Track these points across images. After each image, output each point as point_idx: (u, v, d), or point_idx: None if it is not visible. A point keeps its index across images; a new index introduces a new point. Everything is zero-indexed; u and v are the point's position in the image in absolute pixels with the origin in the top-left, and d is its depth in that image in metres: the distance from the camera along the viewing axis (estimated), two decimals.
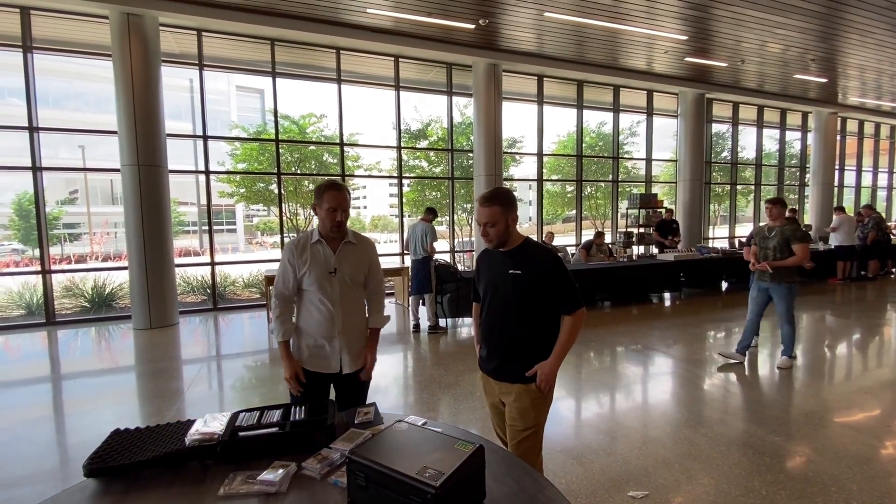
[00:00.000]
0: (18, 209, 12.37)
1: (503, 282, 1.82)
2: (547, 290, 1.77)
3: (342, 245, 2.00)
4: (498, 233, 1.80)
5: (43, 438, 3.13)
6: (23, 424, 3.34)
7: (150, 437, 1.49)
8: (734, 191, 12.53)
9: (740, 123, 12.05)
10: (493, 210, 1.77)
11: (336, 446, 1.44)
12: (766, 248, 4.10)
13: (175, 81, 8.00)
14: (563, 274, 1.77)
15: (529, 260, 1.78)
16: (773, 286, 4.10)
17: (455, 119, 9.03)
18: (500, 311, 1.85)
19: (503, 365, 1.85)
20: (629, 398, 3.70)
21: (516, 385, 1.81)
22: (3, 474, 2.66)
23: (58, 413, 3.68)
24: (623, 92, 10.26)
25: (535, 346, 1.81)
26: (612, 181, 10.92)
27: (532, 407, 1.80)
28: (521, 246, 1.83)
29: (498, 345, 1.87)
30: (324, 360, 1.98)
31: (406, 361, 4.84)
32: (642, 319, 6.31)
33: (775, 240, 4.02)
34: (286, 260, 1.97)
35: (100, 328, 6.40)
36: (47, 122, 6.51)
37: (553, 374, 1.78)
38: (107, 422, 3.32)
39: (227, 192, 9.42)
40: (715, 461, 2.62)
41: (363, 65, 8.01)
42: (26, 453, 2.90)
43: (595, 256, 7.78)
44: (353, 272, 2.01)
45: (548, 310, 1.81)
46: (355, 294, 2.03)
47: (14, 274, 7.71)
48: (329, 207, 1.90)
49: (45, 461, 2.81)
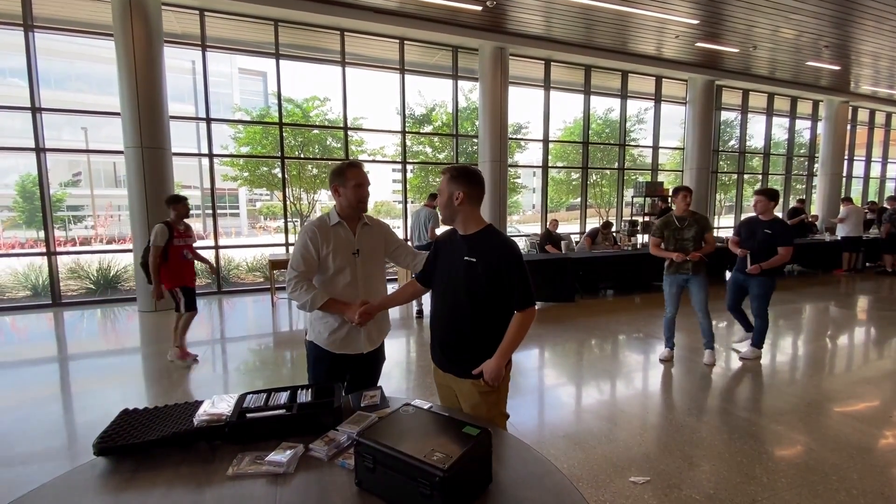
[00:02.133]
0: (22, 191, 12.36)
1: (456, 268, 1.71)
2: (501, 282, 1.64)
3: (360, 226, 2.03)
4: (441, 203, 1.74)
5: (51, 418, 3.18)
6: (31, 404, 3.38)
7: (158, 417, 1.50)
8: (741, 180, 12.41)
9: (750, 111, 11.86)
10: (442, 179, 1.74)
11: (343, 429, 1.44)
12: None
13: (178, 63, 7.92)
14: (520, 267, 1.65)
15: (487, 248, 1.67)
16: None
17: (460, 104, 8.92)
18: (449, 300, 1.75)
19: (449, 357, 1.78)
20: (630, 385, 3.72)
21: (465, 380, 1.72)
22: (12, 452, 2.70)
23: (65, 393, 3.73)
24: (631, 78, 10.10)
25: (482, 341, 1.70)
26: (617, 168, 10.82)
27: (483, 401, 1.71)
28: (481, 232, 1.71)
29: (444, 336, 1.79)
30: (348, 342, 1.99)
31: (409, 346, 4.86)
32: (645, 308, 6.31)
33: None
34: (307, 239, 1.94)
35: (105, 310, 6.45)
36: (51, 104, 6.47)
37: (499, 371, 1.66)
38: (113, 402, 3.37)
39: (230, 175, 9.38)
40: (716, 448, 2.64)
41: (368, 47, 7.89)
42: (35, 432, 2.94)
43: (600, 245, 7.75)
44: (374, 252, 2.07)
45: (499, 303, 1.68)
46: (377, 273, 2.09)
47: (19, 255, 7.75)
48: (356, 184, 1.94)
49: (53, 439, 2.86)
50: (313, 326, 2.04)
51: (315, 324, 2.04)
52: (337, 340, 1.99)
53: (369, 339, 2.05)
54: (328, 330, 1.99)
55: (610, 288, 7.45)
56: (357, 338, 2.01)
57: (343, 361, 2.02)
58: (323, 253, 1.95)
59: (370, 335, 2.05)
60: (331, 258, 1.95)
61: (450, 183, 1.70)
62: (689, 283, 3.98)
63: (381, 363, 2.17)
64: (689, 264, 3.88)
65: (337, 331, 1.99)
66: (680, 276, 3.99)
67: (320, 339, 2.01)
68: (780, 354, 4.48)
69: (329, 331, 1.99)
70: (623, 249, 7.88)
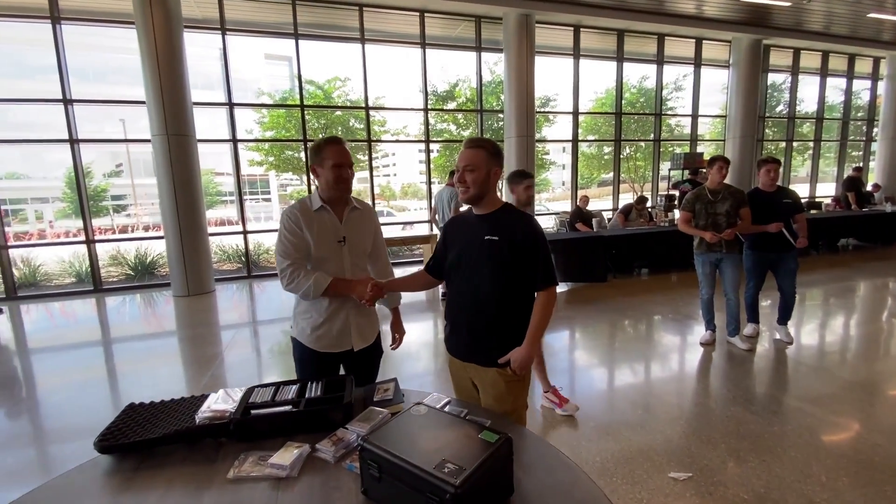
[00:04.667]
0: (70, 182, 12.98)
1: (477, 250, 1.59)
2: (525, 259, 1.55)
3: (348, 211, 1.81)
4: (476, 180, 1.56)
5: (93, 398, 3.27)
6: (75, 384, 3.50)
7: (163, 412, 1.44)
8: (789, 148, 11.52)
9: (801, 73, 10.91)
10: (477, 153, 1.56)
11: (353, 427, 1.34)
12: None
13: (202, 51, 7.93)
14: (543, 244, 1.57)
15: (509, 225, 1.56)
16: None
17: (484, 78, 8.57)
18: (471, 283, 1.61)
19: (472, 344, 1.65)
20: (667, 370, 3.49)
21: (489, 369, 1.61)
22: (61, 427, 2.80)
23: (110, 374, 3.84)
24: (668, 41, 9.41)
25: (508, 325, 1.60)
26: (653, 140, 10.22)
27: (508, 392, 1.60)
28: (500, 210, 1.61)
29: (466, 322, 1.65)
30: (334, 339, 1.80)
31: (435, 330, 4.77)
32: (682, 287, 5.97)
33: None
34: (291, 225, 1.72)
35: (142, 295, 6.67)
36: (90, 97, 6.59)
37: (530, 360, 1.57)
38: (145, 385, 3.45)
39: (256, 160, 9.46)
40: (766, 442, 2.42)
41: (387, 22, 7.63)
42: (79, 410, 3.04)
43: (634, 221, 7.37)
44: (362, 240, 1.85)
45: (523, 284, 1.59)
46: (364, 263, 1.88)
47: (61, 244, 8.12)
48: (334, 164, 1.69)
49: (96, 417, 2.93)
50: (296, 321, 1.84)
51: (297, 318, 1.84)
52: (323, 337, 1.79)
53: (360, 335, 1.84)
54: (311, 325, 1.79)
55: (645, 267, 7.10)
56: (345, 334, 1.80)
57: (332, 360, 1.83)
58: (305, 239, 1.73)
59: (361, 331, 1.84)
60: (313, 248, 1.73)
61: (488, 159, 1.57)
62: (721, 263, 3.68)
63: (378, 359, 1.98)
64: (722, 241, 3.56)
65: (321, 326, 1.78)
66: (712, 255, 3.68)
67: (303, 335, 1.81)
68: (830, 335, 4.13)
69: (312, 326, 1.79)
70: (659, 225, 7.47)
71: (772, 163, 3.59)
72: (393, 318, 2.06)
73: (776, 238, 3.59)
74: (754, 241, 3.77)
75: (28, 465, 2.55)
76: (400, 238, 7.46)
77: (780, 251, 3.66)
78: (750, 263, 3.84)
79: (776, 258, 3.71)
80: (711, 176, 3.60)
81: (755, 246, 3.79)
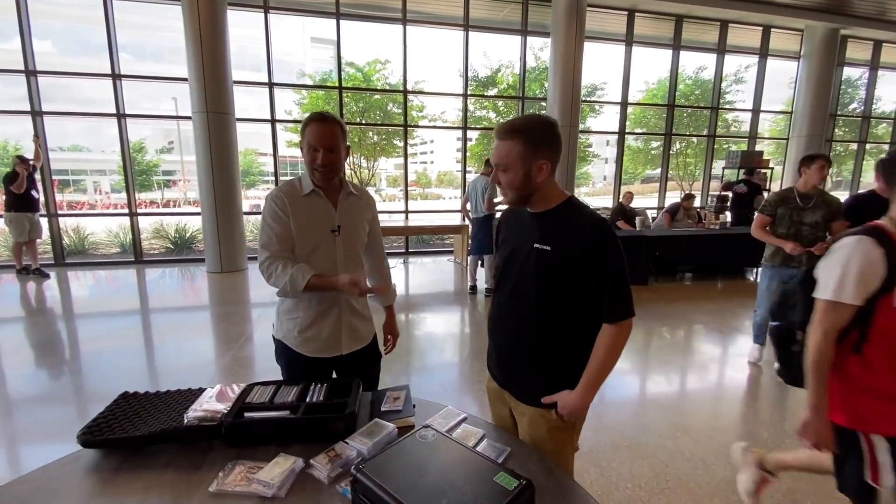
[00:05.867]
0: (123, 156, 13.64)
1: (524, 258, 1.25)
2: (585, 280, 1.17)
3: (343, 197, 1.58)
4: (510, 181, 1.20)
5: (127, 363, 3.32)
6: (110, 349, 3.59)
7: (156, 405, 1.34)
8: (861, 150, 10.51)
9: (881, 67, 9.87)
10: (507, 146, 1.18)
11: (353, 442, 1.18)
12: None
13: (251, 32, 7.99)
14: (615, 262, 1.15)
15: (567, 231, 1.18)
16: None
17: (528, 64, 8.20)
18: (514, 299, 1.29)
19: (510, 372, 1.35)
20: (709, 389, 3.19)
21: (528, 406, 1.30)
22: (100, 388, 2.85)
23: (136, 345, 3.91)
24: (732, 29, 8.69)
25: (557, 358, 1.25)
26: (707, 136, 9.54)
27: (549, 437, 1.27)
28: (559, 209, 1.23)
29: (505, 346, 1.34)
30: (324, 343, 1.58)
31: (462, 325, 4.60)
32: (728, 296, 5.53)
33: None
34: (274, 210, 1.50)
35: (179, 269, 6.84)
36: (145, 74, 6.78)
37: (582, 409, 1.23)
38: (169, 359, 3.48)
39: (295, 141, 9.52)
40: (829, 483, 2.10)
41: (430, 3, 7.39)
42: (114, 370, 3.09)
43: (681, 221, 6.89)
44: (358, 230, 1.62)
45: (581, 310, 1.22)
46: (359, 257, 1.65)
47: (106, 215, 8.46)
48: (308, 144, 1.47)
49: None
50: (279, 320, 1.63)
51: (281, 317, 1.62)
52: (311, 341, 1.57)
53: (353, 336, 1.62)
54: (297, 327, 1.57)
55: (689, 271, 6.65)
56: (336, 336, 1.59)
57: (324, 365, 1.61)
58: (293, 228, 1.51)
59: (355, 331, 1.62)
60: (301, 237, 1.52)
61: (526, 151, 1.17)
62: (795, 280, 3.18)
63: (376, 365, 1.75)
64: (802, 257, 3.01)
65: (309, 328, 1.57)
66: (786, 271, 3.12)
67: (289, 337, 1.59)
68: None
69: (298, 328, 1.57)
70: (708, 228, 6.96)
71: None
72: (386, 318, 1.83)
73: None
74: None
75: (68, 421, 2.65)
76: (431, 227, 7.32)
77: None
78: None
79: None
80: (807, 177, 3.05)
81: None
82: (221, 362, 3.45)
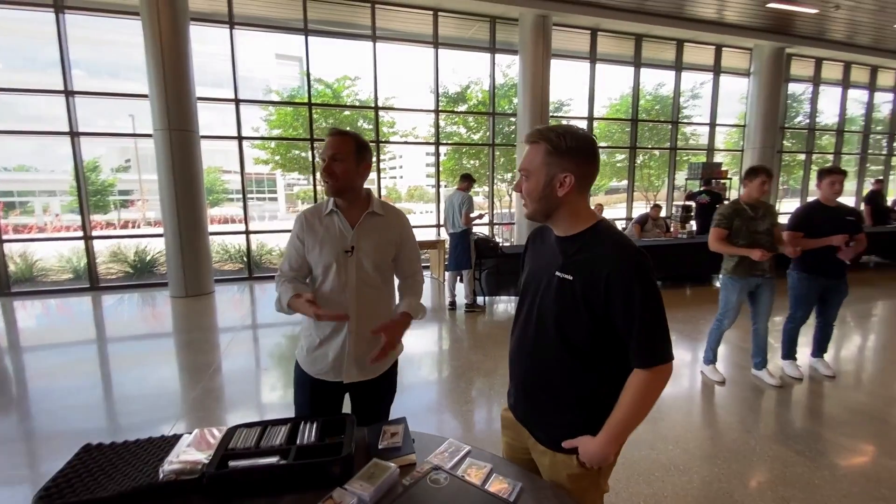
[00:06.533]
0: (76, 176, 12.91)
1: (545, 287, 1.13)
2: (610, 317, 1.04)
3: (364, 216, 1.52)
4: (531, 191, 1.10)
5: (83, 399, 3.04)
6: (63, 387, 3.28)
7: (125, 457, 1.19)
8: (809, 160, 11.21)
9: (822, 83, 10.61)
10: (533, 150, 1.09)
11: (353, 487, 1.08)
12: None
13: (212, 49, 7.78)
14: (646, 296, 1.00)
15: (592, 260, 1.05)
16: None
17: (497, 80, 8.33)
18: (532, 333, 1.17)
19: (527, 409, 1.23)
20: (693, 397, 3.22)
21: (547, 450, 1.17)
22: (51, 428, 2.57)
23: (92, 380, 3.61)
24: (687, 48, 9.15)
25: (578, 399, 1.12)
26: (669, 149, 9.94)
27: (570, 483, 1.13)
28: (585, 234, 1.09)
29: (522, 376, 1.22)
30: (329, 366, 1.53)
31: (441, 343, 4.52)
32: (699, 303, 5.69)
33: None
34: (294, 235, 1.56)
35: (138, 295, 6.45)
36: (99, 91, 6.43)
37: (604, 459, 1.09)
38: (130, 396, 3.21)
39: (261, 159, 9.27)
40: (822, 490, 2.13)
41: (399, 21, 7.43)
42: (66, 410, 2.81)
43: (650, 232, 7.09)
44: (377, 253, 1.53)
45: (608, 346, 1.08)
46: (376, 281, 1.54)
47: (58, 239, 7.93)
48: (322, 155, 1.48)
49: (84, 420, 2.70)
50: (301, 337, 1.65)
51: (301, 335, 1.64)
52: (317, 361, 1.54)
53: (358, 367, 1.53)
54: (308, 346, 1.58)
55: (659, 279, 6.82)
56: (339, 361, 1.52)
57: (332, 389, 1.56)
58: (310, 251, 1.52)
59: (360, 362, 1.52)
60: (316, 256, 1.51)
61: (550, 159, 1.06)
62: (759, 288, 3.23)
63: (388, 398, 1.65)
64: (766, 264, 3.11)
65: (318, 348, 1.55)
66: (753, 280, 3.18)
67: (301, 355, 1.61)
68: (868, 364, 3.84)
69: (308, 348, 1.57)
70: (676, 237, 7.18)
71: (837, 174, 3.11)
72: (397, 320, 1.51)
73: (833, 261, 3.15)
74: (810, 264, 3.24)
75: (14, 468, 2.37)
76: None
77: (838, 276, 3.24)
78: (803, 290, 3.32)
79: (832, 284, 3.27)
80: (749, 190, 3.18)
81: (811, 269, 3.26)
82: (190, 396, 3.21)
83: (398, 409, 1.59)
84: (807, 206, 3.30)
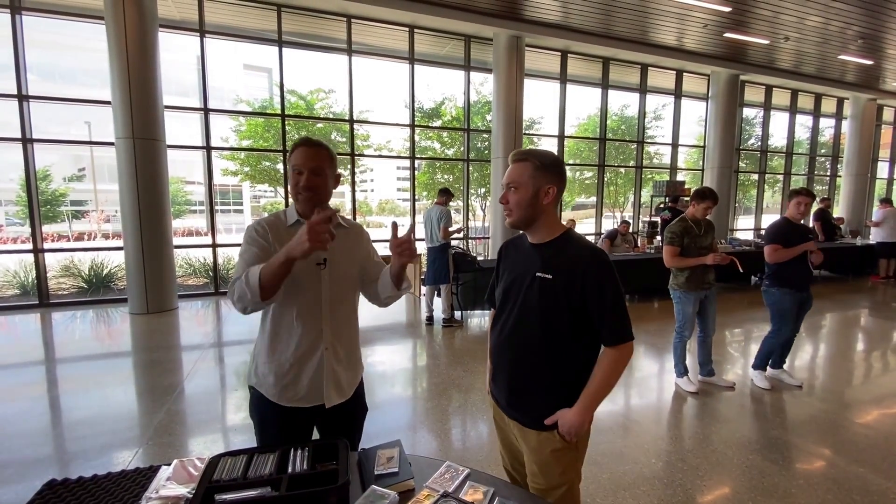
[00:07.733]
0: (24, 184, 12.11)
1: (527, 287, 1.32)
2: (586, 306, 1.25)
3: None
4: (520, 201, 1.29)
5: (42, 422, 2.78)
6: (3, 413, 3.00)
7: (96, 494, 1.08)
8: (762, 180, 11.92)
9: (772, 108, 11.36)
10: (520, 167, 1.29)
11: None
12: None
13: (178, 57, 7.56)
14: (612, 288, 1.24)
15: (568, 260, 1.27)
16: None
17: (471, 98, 8.47)
18: (516, 328, 1.35)
19: (514, 399, 1.38)
20: (674, 409, 3.28)
21: (532, 431, 1.34)
22: None
23: (39, 405, 3.32)
24: (651, 72, 9.62)
25: (560, 384, 1.32)
26: (635, 167, 10.34)
27: (555, 460, 1.32)
28: (559, 240, 1.32)
29: (509, 372, 1.39)
30: (304, 390, 1.39)
31: (418, 359, 4.44)
32: (667, 316, 5.86)
33: None
34: (254, 237, 1.37)
35: (94, 312, 6.06)
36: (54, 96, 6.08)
37: (581, 426, 1.28)
38: (86, 422, 2.97)
39: (231, 170, 9.01)
40: (797, 499, 2.20)
41: (375, 36, 7.46)
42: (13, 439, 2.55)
43: (619, 247, 7.30)
44: (348, 265, 1.47)
45: (583, 335, 1.30)
46: (347, 295, 1.49)
47: (5, 252, 7.39)
48: (293, 168, 1.38)
49: (31, 448, 2.46)
50: (254, 363, 1.44)
51: (257, 359, 1.43)
52: (290, 387, 1.38)
53: (336, 388, 1.43)
54: (275, 372, 1.39)
55: (628, 293, 7.00)
56: (318, 384, 1.40)
57: (302, 417, 1.42)
58: None
59: (338, 382, 1.43)
60: None
61: (537, 174, 1.28)
62: (706, 300, 3.51)
63: (361, 419, 1.57)
64: (711, 276, 3.44)
65: (288, 372, 1.38)
66: (702, 292, 3.45)
67: (264, 384, 1.40)
68: (825, 373, 4.04)
69: (276, 374, 1.38)
70: (644, 252, 7.42)
71: (805, 195, 3.35)
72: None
73: (806, 273, 3.41)
74: (789, 279, 3.40)
75: None
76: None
77: (808, 289, 3.46)
78: (786, 304, 3.45)
79: (804, 296, 3.47)
80: (695, 211, 3.41)
81: (791, 284, 3.41)
82: (154, 420, 3.01)
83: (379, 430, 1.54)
84: (778, 223, 3.53)
